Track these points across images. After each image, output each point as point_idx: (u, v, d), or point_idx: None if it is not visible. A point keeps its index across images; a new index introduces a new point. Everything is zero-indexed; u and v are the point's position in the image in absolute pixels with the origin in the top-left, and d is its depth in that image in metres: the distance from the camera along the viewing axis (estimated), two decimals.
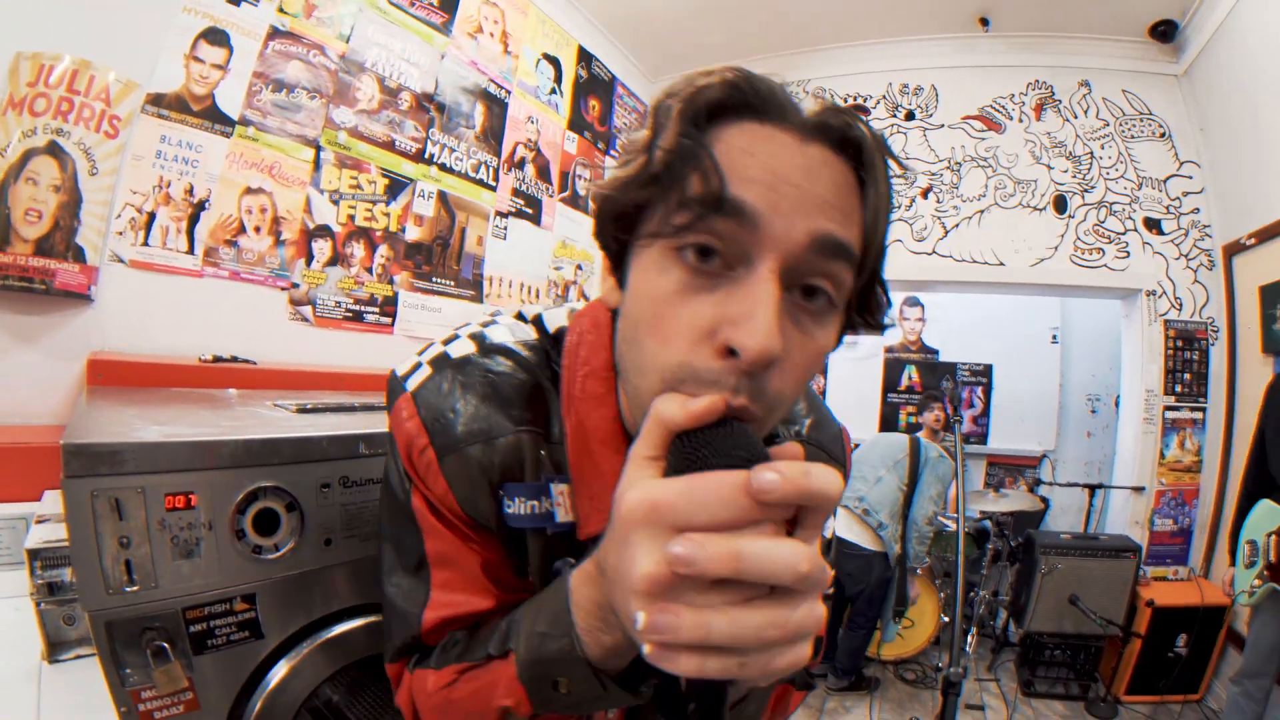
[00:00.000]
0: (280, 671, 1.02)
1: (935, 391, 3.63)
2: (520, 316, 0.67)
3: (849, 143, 0.43)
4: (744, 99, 0.43)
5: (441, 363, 0.60)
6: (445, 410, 0.57)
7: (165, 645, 0.91)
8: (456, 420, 0.57)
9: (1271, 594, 2.13)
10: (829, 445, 0.74)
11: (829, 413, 0.77)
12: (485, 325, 0.64)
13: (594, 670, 0.47)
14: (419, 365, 0.61)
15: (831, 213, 0.42)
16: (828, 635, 3.14)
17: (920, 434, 3.23)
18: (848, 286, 0.44)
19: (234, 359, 1.85)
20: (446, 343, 0.62)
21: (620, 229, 0.48)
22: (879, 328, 0.51)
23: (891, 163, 0.46)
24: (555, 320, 0.64)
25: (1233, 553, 2.33)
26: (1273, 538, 2.10)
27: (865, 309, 0.49)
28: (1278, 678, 2.28)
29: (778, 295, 0.40)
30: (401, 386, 0.60)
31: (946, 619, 3.44)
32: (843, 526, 2.98)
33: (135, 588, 0.89)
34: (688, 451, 0.38)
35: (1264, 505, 2.21)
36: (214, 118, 1.86)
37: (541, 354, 0.61)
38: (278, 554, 1.01)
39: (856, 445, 3.19)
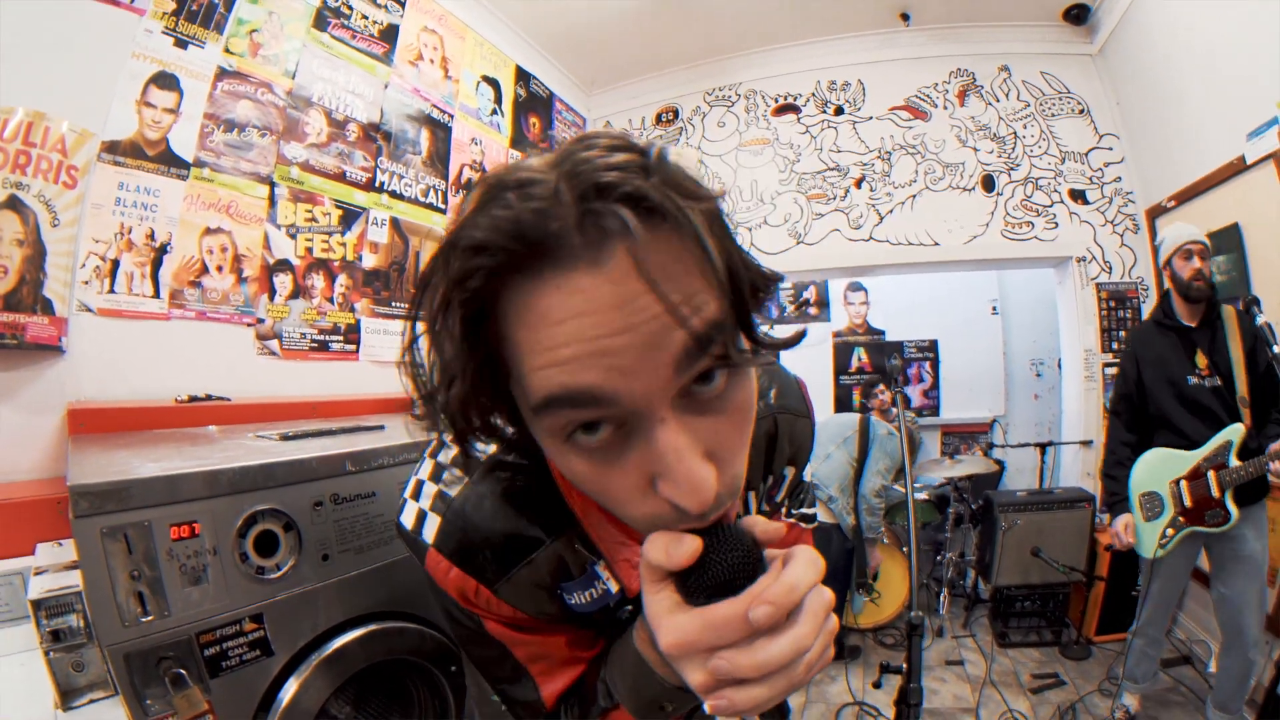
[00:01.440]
0: (291, 688, 1.08)
1: (876, 376, 3.80)
2: None
3: (628, 227, 0.35)
4: (505, 265, 0.36)
5: (444, 506, 0.60)
6: (478, 552, 0.60)
7: (182, 671, 0.97)
8: (493, 556, 0.60)
9: (1187, 539, 2.15)
10: (795, 405, 0.80)
11: (784, 372, 0.83)
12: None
13: (684, 689, 0.54)
14: (424, 514, 0.61)
15: (677, 312, 0.36)
16: None
17: (871, 413, 3.38)
18: (737, 340, 0.40)
19: (208, 397, 1.89)
20: (435, 477, 0.62)
21: (489, 431, 0.46)
22: (777, 345, 0.44)
23: (687, 193, 0.37)
24: None
25: (1112, 505, 2.34)
26: (1183, 483, 2.13)
27: (751, 336, 0.41)
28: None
29: (684, 441, 0.39)
30: (422, 542, 0.60)
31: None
32: None
33: (149, 618, 0.95)
34: (690, 581, 0.43)
35: (1156, 454, 2.23)
36: (169, 161, 1.89)
37: (526, 449, 0.55)
38: (280, 573, 1.07)
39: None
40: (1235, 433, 2.04)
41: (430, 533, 0.60)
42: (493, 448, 0.59)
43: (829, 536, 3.06)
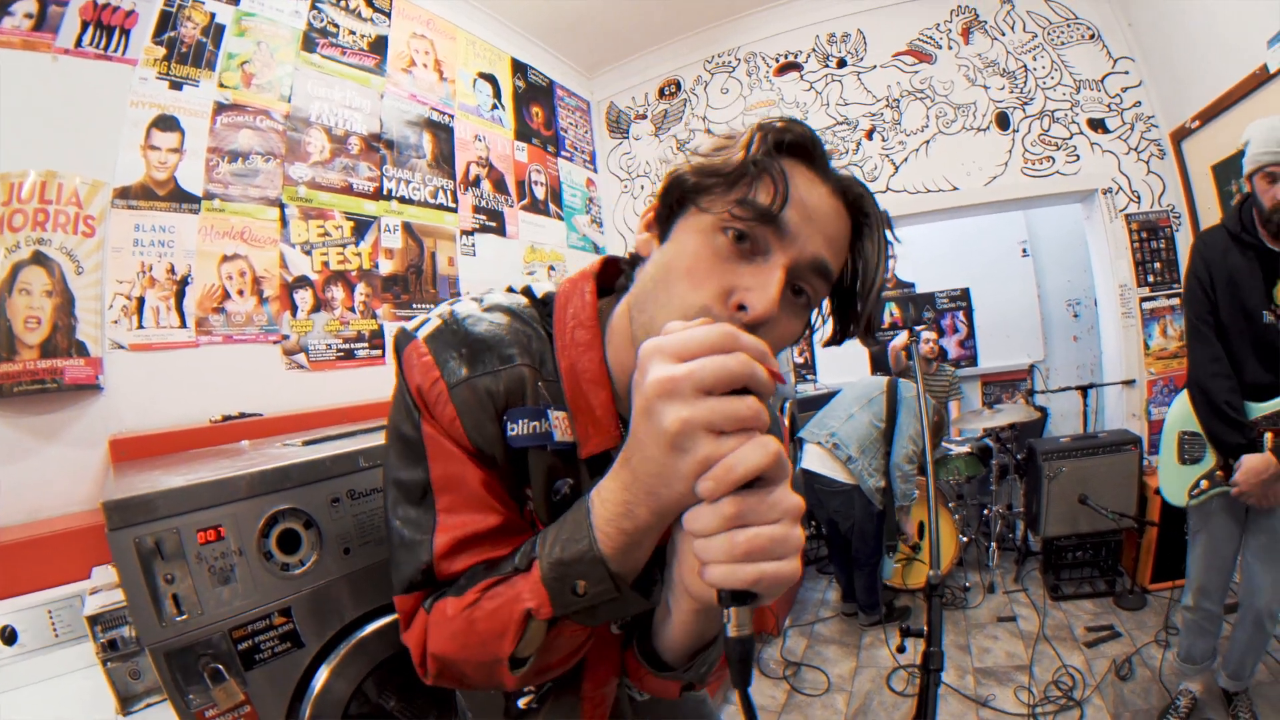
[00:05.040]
0: (323, 676, 1.15)
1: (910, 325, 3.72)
2: (510, 290, 0.77)
3: (858, 206, 0.63)
4: (808, 149, 0.61)
5: (449, 316, 0.68)
6: (455, 351, 0.65)
7: (220, 666, 1.04)
8: (465, 358, 0.65)
9: (1223, 498, 1.92)
10: None
11: None
12: (484, 294, 0.75)
13: (609, 571, 0.55)
14: (429, 319, 0.69)
15: (830, 246, 0.61)
16: (843, 577, 3.27)
17: (903, 376, 3.28)
18: (822, 296, 0.63)
19: (241, 415, 1.99)
20: (452, 304, 0.71)
21: (683, 197, 0.63)
22: (865, 336, 0.68)
23: (889, 232, 0.65)
24: (541, 288, 0.77)
25: (1236, 447, 1.86)
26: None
27: (856, 325, 0.67)
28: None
29: (784, 280, 0.57)
30: (412, 335, 0.67)
31: (966, 539, 3.55)
32: (816, 461, 3.08)
33: (184, 617, 1.02)
34: None
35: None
36: (180, 198, 1.98)
37: (533, 312, 0.73)
38: (304, 568, 1.14)
39: (837, 390, 3.32)
40: None
41: (426, 330, 0.67)
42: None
43: (850, 498, 3.01)
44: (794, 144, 0.60)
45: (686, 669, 0.67)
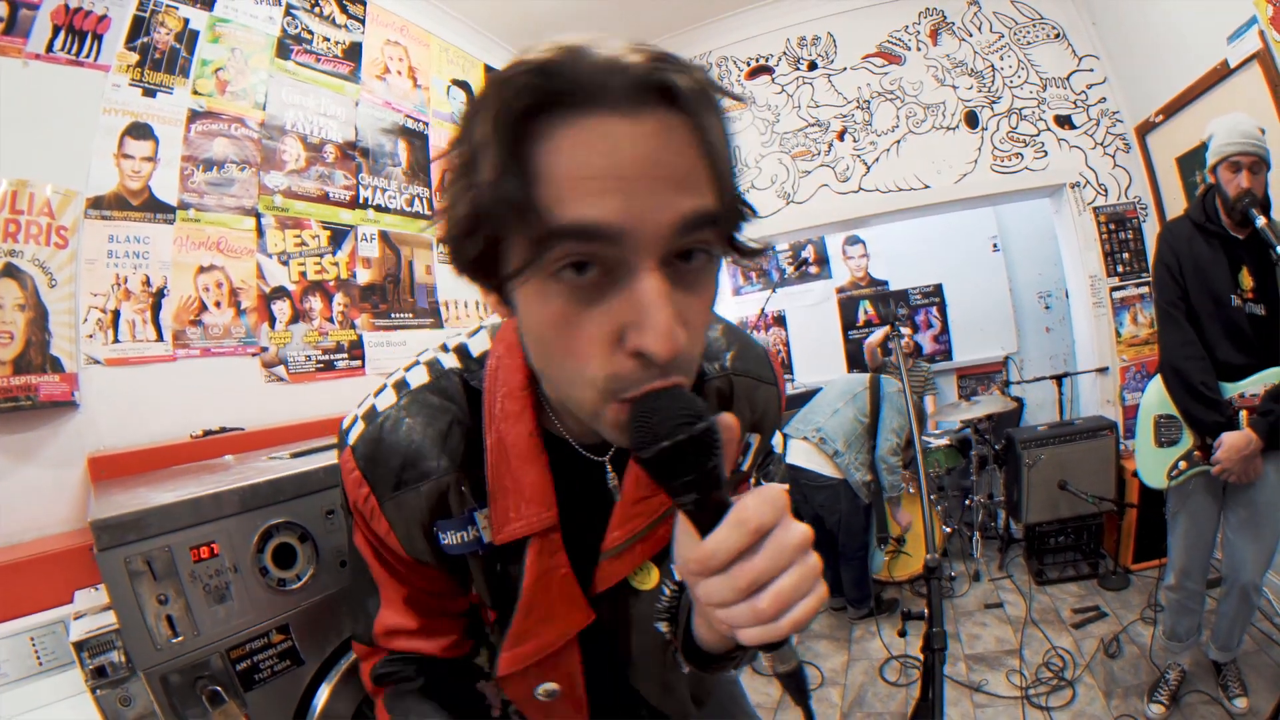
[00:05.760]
0: (324, 695, 1.12)
1: (888, 321, 3.78)
2: (444, 347, 0.73)
3: (675, 94, 0.41)
4: (558, 92, 0.40)
5: (371, 416, 0.67)
6: (379, 461, 0.65)
7: (218, 688, 1.01)
8: (390, 470, 0.65)
9: (1204, 476, 1.96)
10: (756, 370, 0.77)
11: (749, 338, 0.80)
12: (408, 369, 0.71)
13: None
14: (356, 419, 0.68)
15: (685, 186, 0.41)
16: (829, 573, 3.28)
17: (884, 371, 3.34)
18: (718, 239, 0.46)
19: (222, 430, 1.94)
20: (376, 394, 0.70)
21: (482, 265, 0.47)
22: (752, 253, 0.51)
23: (718, 94, 0.45)
24: (479, 344, 0.70)
25: (1215, 426, 1.89)
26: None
27: (734, 248, 0.50)
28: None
29: (666, 290, 0.41)
30: (345, 440, 0.68)
31: (949, 529, 3.60)
32: (801, 456, 3.09)
33: (180, 639, 0.99)
34: (641, 424, 0.43)
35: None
36: (154, 208, 1.93)
37: (459, 382, 0.68)
38: (300, 583, 1.11)
39: (815, 389, 3.32)
40: (1277, 376, 1.81)
41: (353, 436, 0.67)
42: (424, 378, 0.69)
43: (837, 493, 3.05)
44: (536, 107, 0.40)
45: (733, 657, 0.65)
